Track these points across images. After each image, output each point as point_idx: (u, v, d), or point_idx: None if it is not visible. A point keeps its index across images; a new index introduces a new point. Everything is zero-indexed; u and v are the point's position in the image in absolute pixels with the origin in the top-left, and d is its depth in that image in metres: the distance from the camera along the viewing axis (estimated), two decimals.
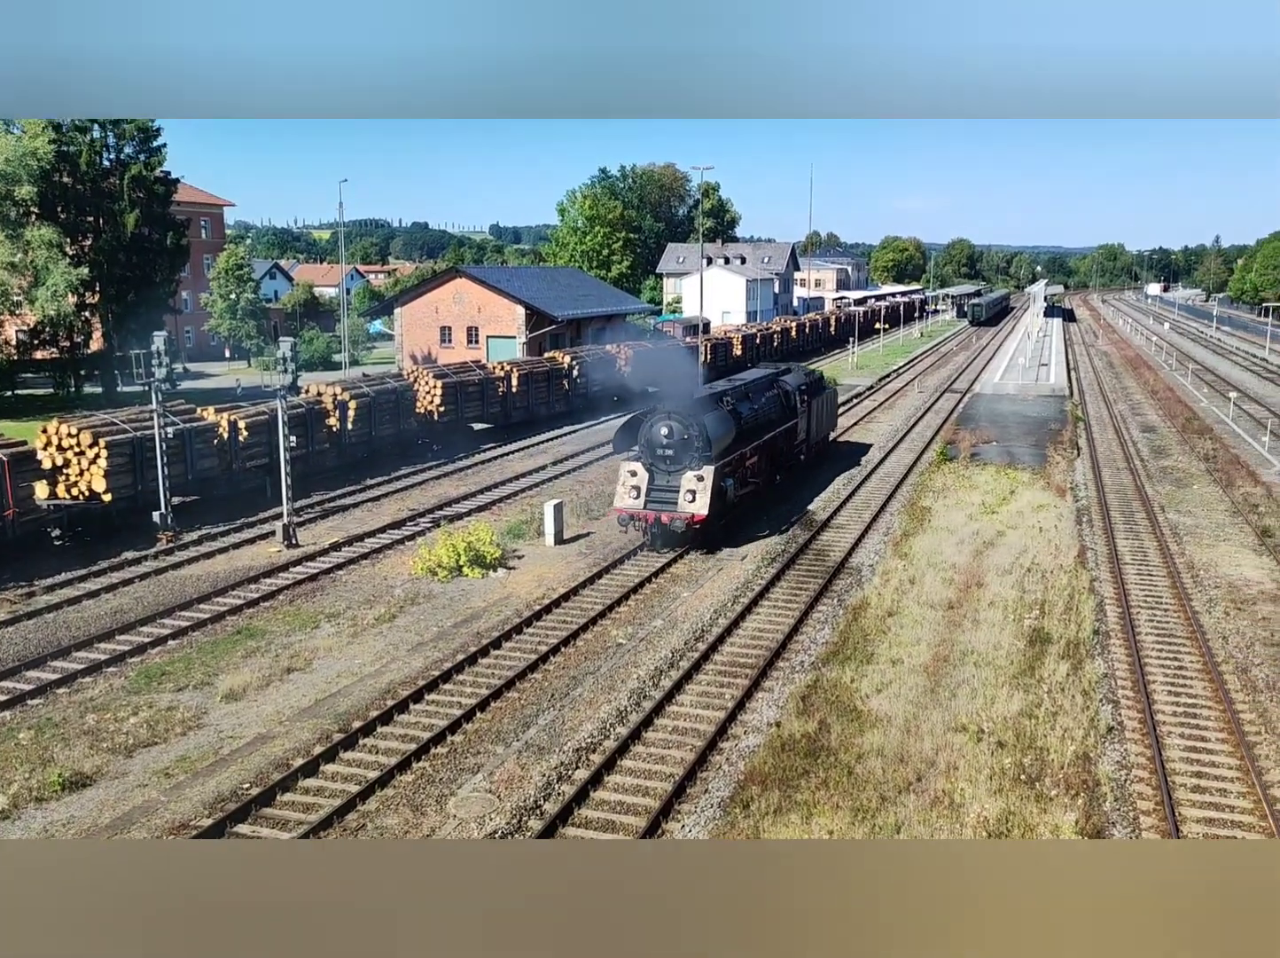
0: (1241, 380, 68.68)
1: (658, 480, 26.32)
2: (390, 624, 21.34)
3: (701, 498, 25.56)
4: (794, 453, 34.56)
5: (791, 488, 33.93)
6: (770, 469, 31.83)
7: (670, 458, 26.29)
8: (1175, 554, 26.49)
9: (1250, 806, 14.43)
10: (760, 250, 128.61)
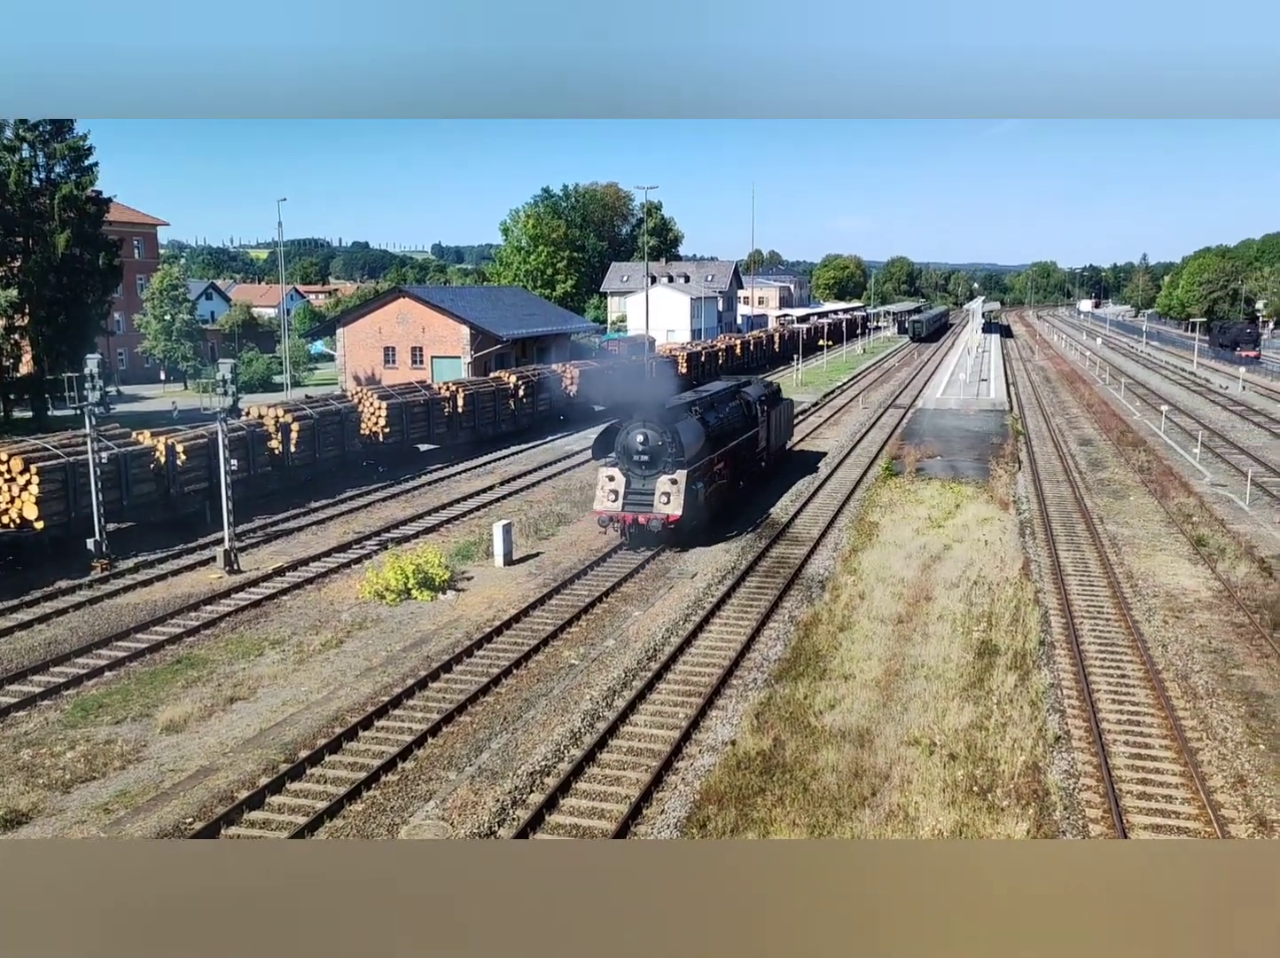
0: (1172, 394, 70.56)
1: (634, 484, 28.09)
2: (337, 650, 20.96)
3: (676, 500, 27.43)
4: (756, 460, 36.33)
5: (752, 494, 35.10)
6: (734, 475, 33.32)
7: (645, 463, 28.06)
8: (1115, 565, 27.01)
9: (1195, 811, 14.68)
10: (704, 269, 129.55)
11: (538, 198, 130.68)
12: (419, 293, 65.20)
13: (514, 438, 47.44)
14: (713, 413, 32.02)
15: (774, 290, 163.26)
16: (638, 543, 28.34)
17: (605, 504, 28.19)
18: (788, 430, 42.94)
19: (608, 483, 28.26)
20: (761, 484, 36.69)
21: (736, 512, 32.53)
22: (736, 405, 34.85)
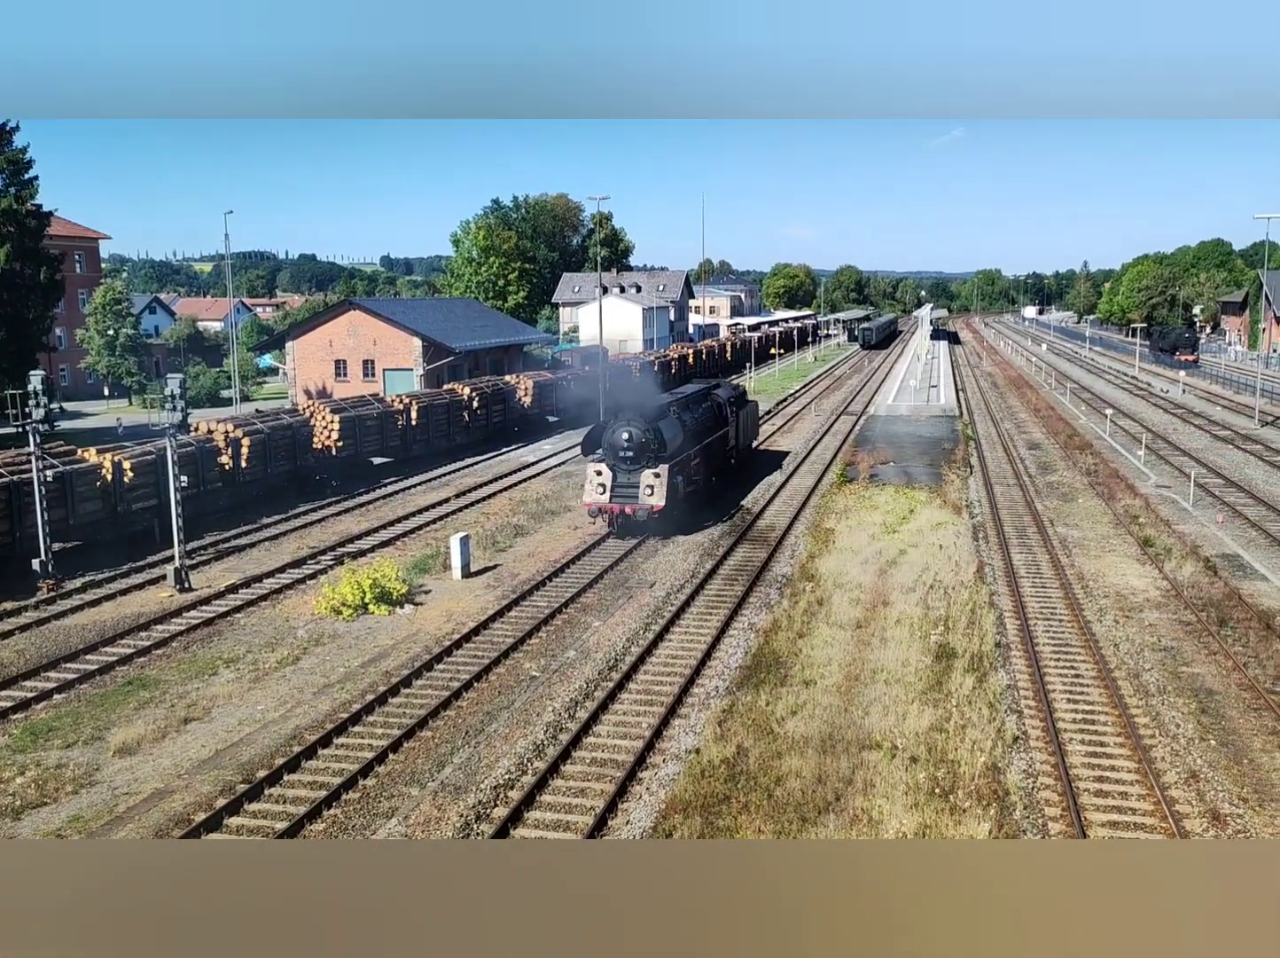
0: (1115, 398, 72.00)
1: (620, 478, 30.41)
2: (294, 667, 20.66)
3: (659, 491, 29.91)
4: (727, 457, 38.99)
5: (724, 488, 37.47)
6: (708, 470, 35.60)
7: (630, 459, 30.39)
8: (1066, 566, 27.47)
9: (1150, 807, 14.95)
10: (655, 278, 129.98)
11: (488, 209, 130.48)
12: (369, 305, 64.70)
13: (469, 450, 47.18)
14: (689, 413, 34.42)
15: (725, 299, 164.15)
16: (624, 532, 30.52)
17: (594, 497, 30.51)
18: (754, 430, 45.57)
19: (596, 477, 30.52)
20: (731, 479, 38.85)
21: (707, 506, 34.32)
22: (709, 406, 37.16)
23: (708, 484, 35.38)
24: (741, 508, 35.08)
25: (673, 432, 31.54)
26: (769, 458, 45.55)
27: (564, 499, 36.77)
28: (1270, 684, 19.11)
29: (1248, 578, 26.24)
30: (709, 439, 35.48)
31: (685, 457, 32.16)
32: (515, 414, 52.26)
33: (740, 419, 40.41)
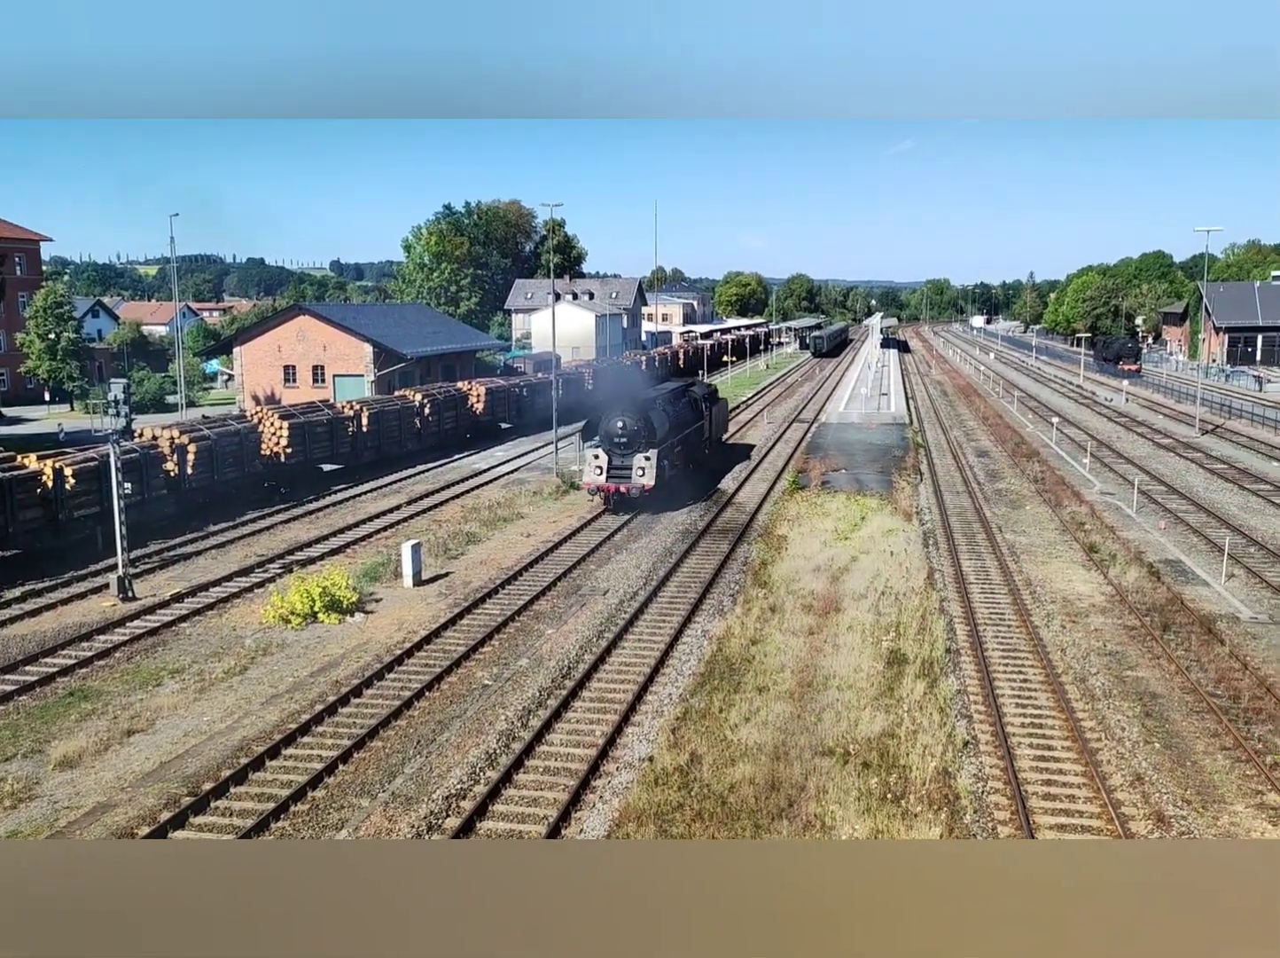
0: (1061, 406, 73.31)
1: (615, 461, 34.79)
2: (241, 677, 20.30)
3: (650, 472, 34.35)
4: (702, 447, 43.12)
5: (696, 476, 40.81)
6: (686, 457, 39.67)
7: (624, 444, 34.78)
8: (1014, 572, 27.88)
9: (1098, 809, 15.18)
10: (608, 286, 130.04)
11: (440, 215, 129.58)
12: (319, 310, 64.00)
13: (421, 457, 46.78)
14: (672, 406, 38.84)
15: (678, 307, 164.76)
16: (619, 508, 35.05)
17: (592, 478, 35.07)
18: (724, 425, 50.99)
19: (593, 460, 35.08)
20: (704, 467, 42.98)
21: (680, 496, 37.58)
22: (687, 400, 41.74)
23: (686, 469, 39.40)
24: (718, 491, 39.64)
25: (660, 421, 35.94)
26: (739, 450, 50.76)
27: (516, 506, 36.60)
28: (1212, 688, 19.52)
29: (1189, 583, 26.81)
30: (688, 430, 39.89)
31: (670, 444, 36.51)
32: (467, 421, 51.95)
33: (713, 414, 44.73)
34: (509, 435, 54.97)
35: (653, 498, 34.75)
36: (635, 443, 34.70)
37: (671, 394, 40.66)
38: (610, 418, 35.25)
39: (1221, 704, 18.63)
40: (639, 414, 35.13)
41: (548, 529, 33.26)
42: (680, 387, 43.72)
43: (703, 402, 43.22)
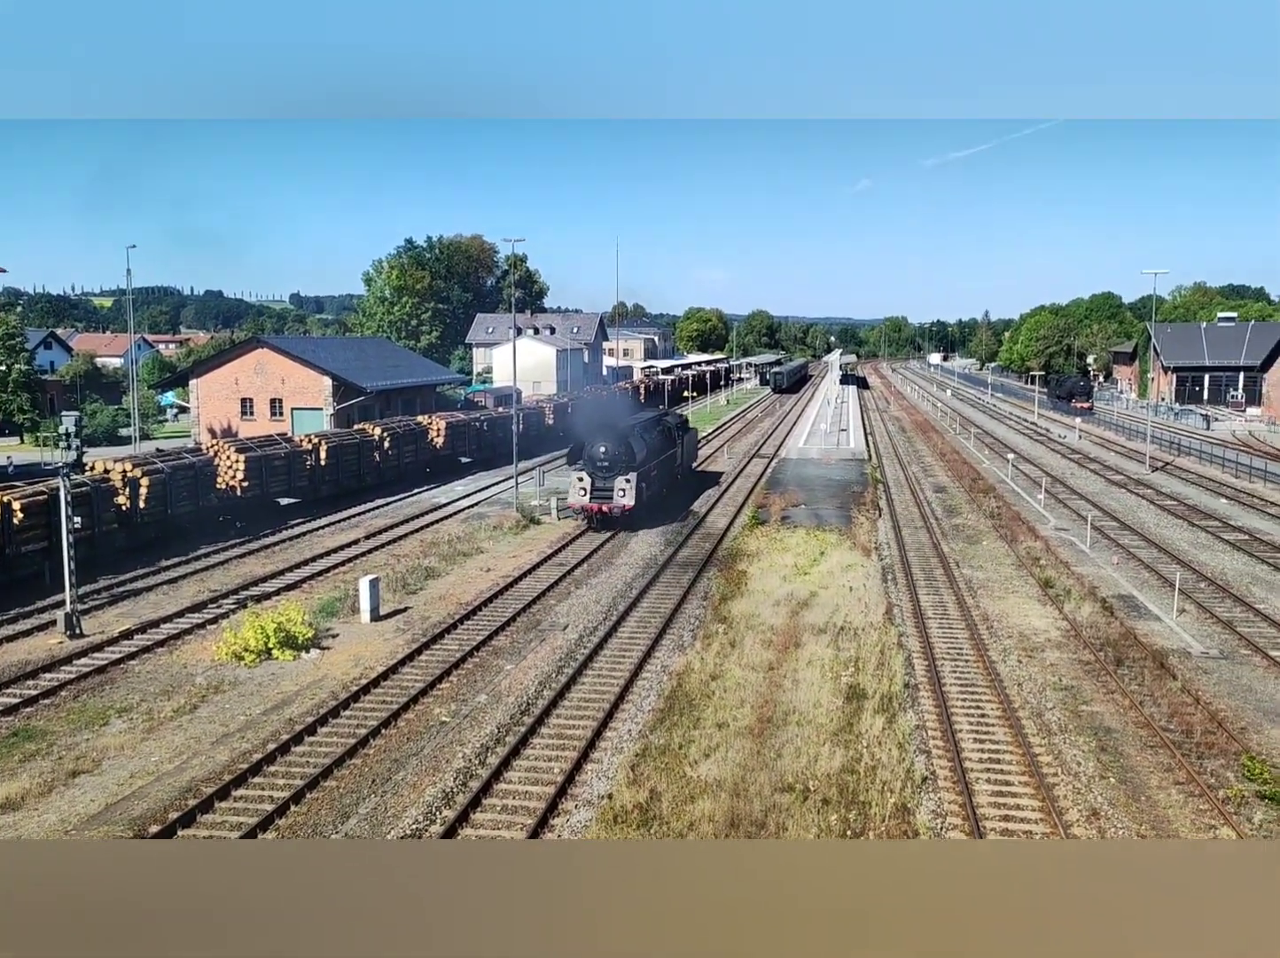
0: (1016, 443, 74.39)
1: (598, 483, 37.61)
2: (191, 716, 19.87)
3: (630, 493, 37.25)
4: (675, 473, 46.57)
5: (669, 500, 44.02)
6: (662, 481, 42.64)
7: (606, 468, 37.68)
8: (971, 607, 28.09)
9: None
10: (569, 321, 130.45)
11: (401, 249, 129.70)
12: (278, 343, 63.51)
13: (380, 491, 46.42)
14: (649, 434, 41.58)
15: (639, 342, 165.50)
16: (601, 527, 37.76)
17: (577, 499, 37.94)
18: (694, 453, 54.24)
19: (578, 483, 37.82)
20: (677, 492, 45.94)
21: (657, 516, 40.61)
22: (662, 429, 44.62)
23: (661, 492, 42.31)
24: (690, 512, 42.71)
25: (639, 447, 38.78)
26: (708, 476, 54.23)
27: (476, 541, 36.36)
28: (1165, 722, 19.72)
29: (1142, 618, 27.17)
30: (663, 456, 43.16)
31: (648, 468, 39.40)
32: (427, 455, 51.68)
33: (685, 442, 48.69)
34: (469, 470, 54.73)
35: (633, 517, 37.64)
36: (616, 467, 37.59)
37: (648, 423, 43.69)
38: (593, 443, 38.15)
39: (1175, 739, 18.82)
40: (620, 440, 38.09)
41: (508, 564, 33.06)
42: (656, 416, 47.18)
43: (675, 430, 46.49)
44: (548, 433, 66.25)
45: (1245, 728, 19.58)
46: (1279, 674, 22.65)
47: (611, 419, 42.05)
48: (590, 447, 38.26)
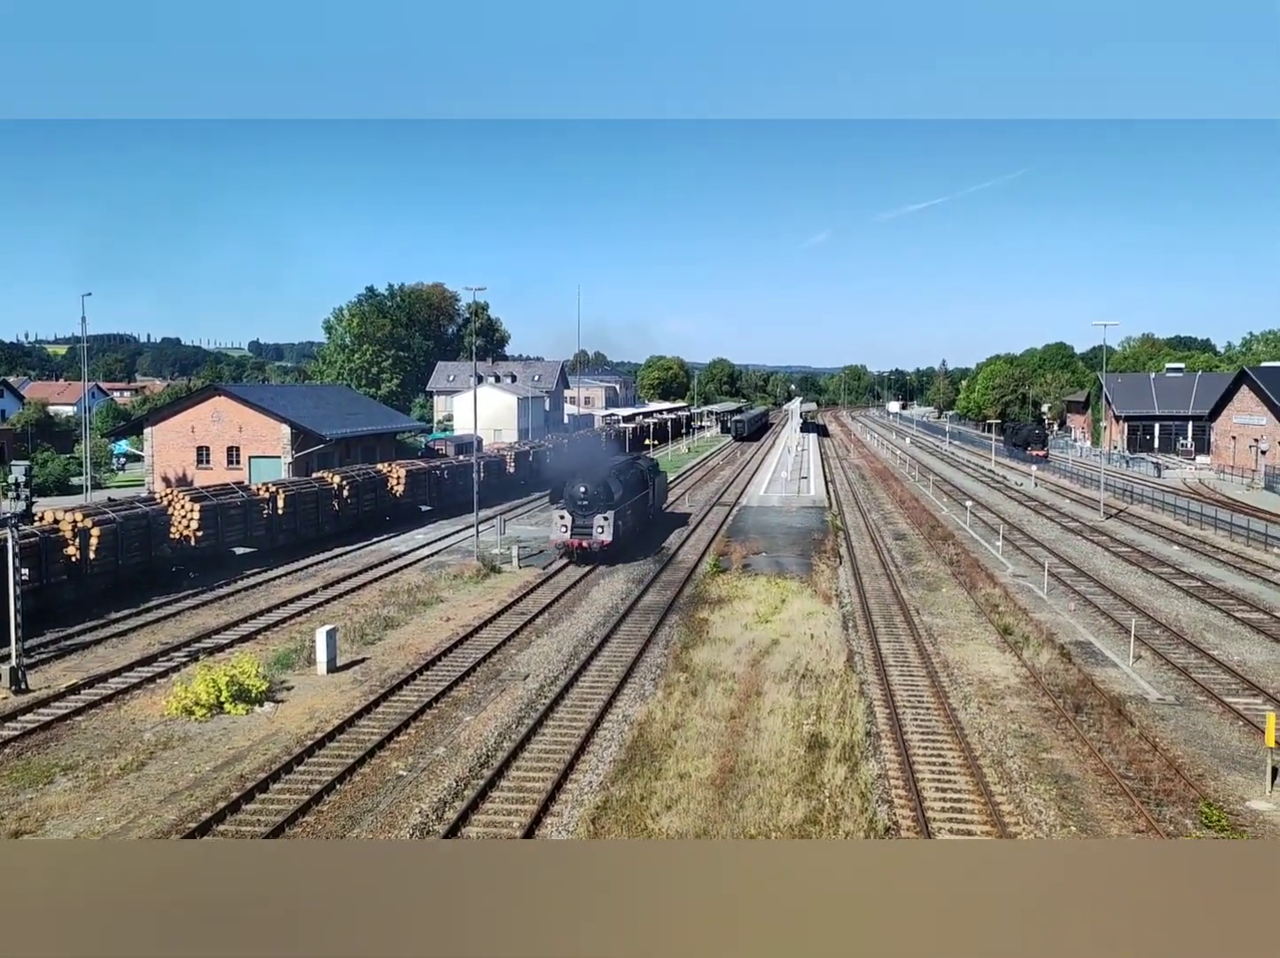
0: (975, 490, 75.26)
1: (578, 521, 40.38)
2: (139, 773, 19.33)
3: (608, 530, 40.07)
4: (648, 512, 49.60)
5: (644, 536, 47.28)
6: (635, 520, 44.99)
7: (585, 507, 40.43)
8: (931, 654, 28.17)
9: None
10: (530, 368, 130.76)
11: (362, 296, 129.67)
12: (236, 391, 63.04)
13: (338, 539, 45.88)
14: (624, 475, 44.45)
15: (600, 390, 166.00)
16: (581, 561, 40.52)
17: (559, 535, 40.72)
18: (664, 494, 57.50)
19: (559, 520, 40.70)
20: (649, 530, 48.88)
21: (627, 554, 43.11)
22: (635, 471, 47.36)
23: (635, 530, 44.94)
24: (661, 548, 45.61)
25: (616, 487, 41.71)
26: (677, 517, 57.26)
27: (436, 589, 35.99)
28: (1124, 769, 19.81)
29: (1099, 664, 27.38)
30: (637, 497, 45.66)
31: (624, 507, 42.05)
32: (387, 503, 51.25)
33: (656, 484, 51.82)
34: (430, 518, 54.34)
35: (610, 552, 40.34)
36: (595, 505, 40.29)
37: (624, 465, 47.20)
38: (574, 483, 40.95)
39: (1134, 786, 18.89)
40: (599, 481, 41.00)
41: (468, 613, 32.73)
42: (630, 459, 51.58)
43: (648, 473, 49.80)
44: (509, 481, 66.05)
45: (1202, 775, 19.72)
46: (1234, 721, 22.88)
47: (590, 461, 45.91)
48: (571, 487, 40.89)
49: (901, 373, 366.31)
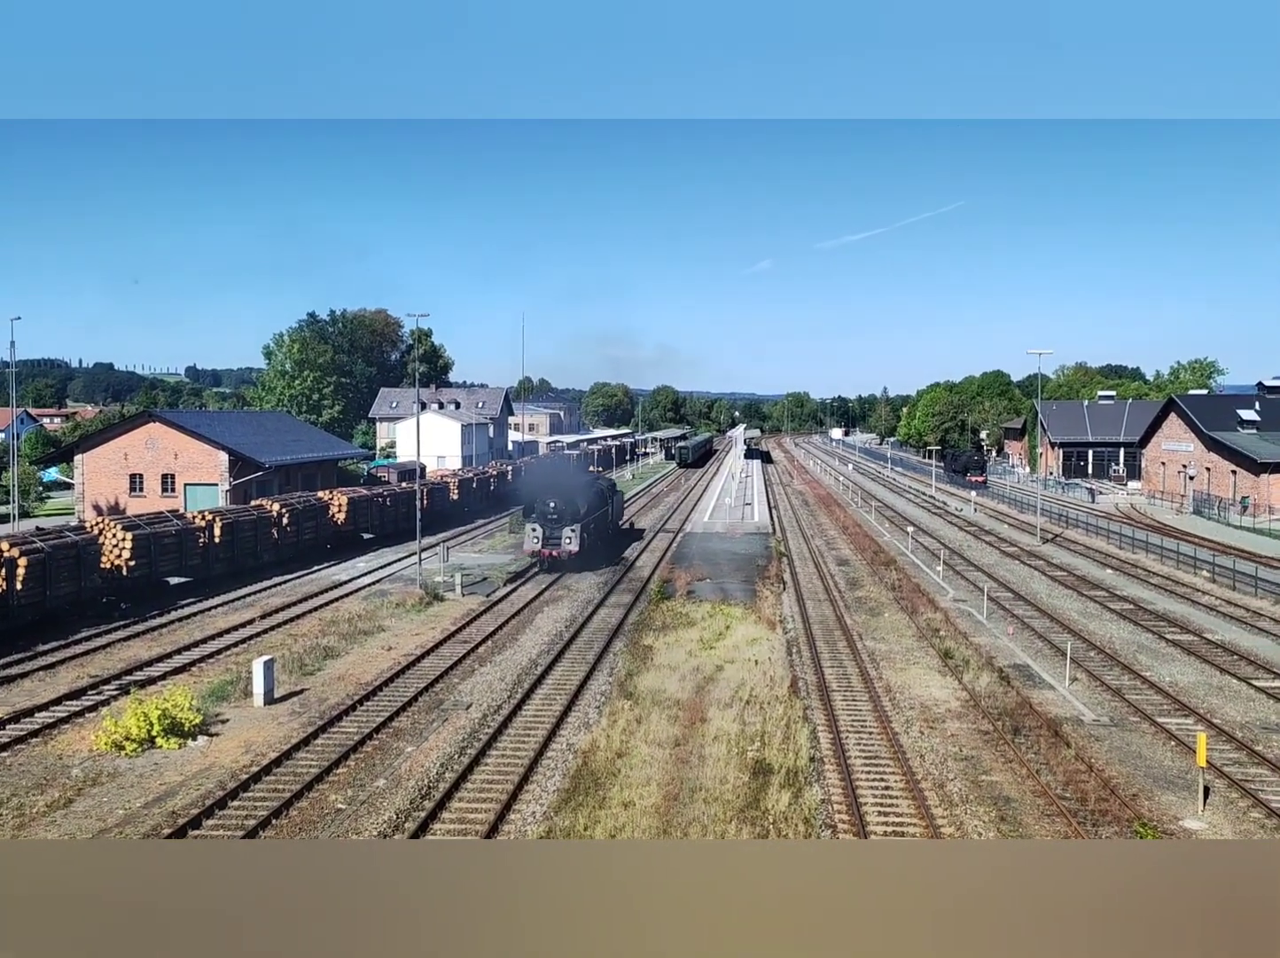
0: (916, 516, 76.31)
1: (548, 532, 45.76)
2: (65, 811, 18.69)
3: (575, 540, 45.39)
4: (608, 527, 55.19)
5: (603, 549, 51.89)
6: (597, 534, 49.87)
7: (555, 520, 45.81)
8: (874, 679, 28.40)
9: None
10: (474, 395, 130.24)
11: (303, 322, 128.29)
12: (171, 417, 61.91)
13: (278, 568, 45.08)
14: (588, 493, 49.89)
15: (545, 417, 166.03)
16: (551, 569, 45.90)
17: (531, 545, 45.99)
18: (621, 512, 64.61)
19: (532, 532, 46.00)
20: (609, 543, 53.56)
21: (591, 563, 48.30)
22: (597, 489, 53.09)
23: (598, 542, 49.75)
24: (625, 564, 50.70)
25: (582, 503, 47.22)
26: (634, 532, 63.22)
27: (378, 618, 35.49)
28: (1061, 790, 20.09)
29: (1036, 687, 27.81)
30: (599, 512, 51.11)
31: (588, 521, 47.33)
32: (328, 531, 50.52)
33: (614, 502, 58.50)
34: (372, 546, 53.67)
35: (577, 559, 45.65)
36: (563, 519, 45.59)
37: (587, 484, 53.14)
38: (544, 500, 46.42)
39: (1071, 807, 19.16)
40: (566, 498, 46.47)
41: (410, 642, 32.31)
42: (593, 478, 58.89)
43: (606, 492, 55.98)
44: (453, 508, 65.54)
45: (1136, 795, 20.07)
46: (1166, 741, 23.35)
47: (559, 481, 51.53)
48: (542, 503, 46.31)
49: (844, 400, 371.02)
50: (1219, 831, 18.40)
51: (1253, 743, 23.05)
